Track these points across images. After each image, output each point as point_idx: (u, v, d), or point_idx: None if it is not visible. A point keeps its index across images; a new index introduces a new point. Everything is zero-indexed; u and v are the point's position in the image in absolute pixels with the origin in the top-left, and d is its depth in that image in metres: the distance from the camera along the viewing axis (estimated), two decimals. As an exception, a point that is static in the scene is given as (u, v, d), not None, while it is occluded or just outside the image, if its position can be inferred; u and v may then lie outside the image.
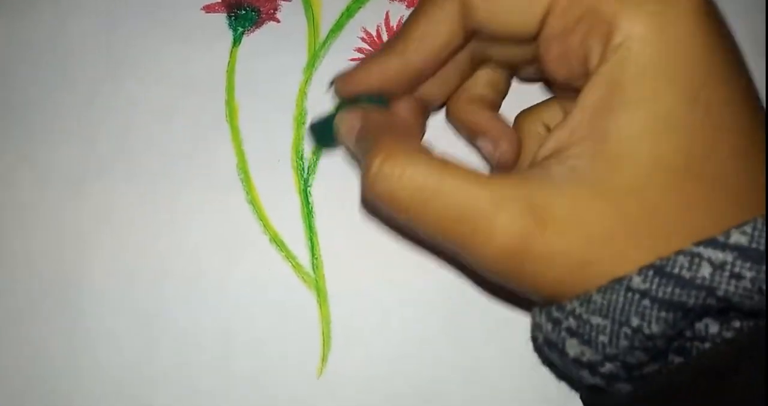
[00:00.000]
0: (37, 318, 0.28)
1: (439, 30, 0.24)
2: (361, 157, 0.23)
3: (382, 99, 0.25)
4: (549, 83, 0.27)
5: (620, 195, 0.20)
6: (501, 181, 0.21)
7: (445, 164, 0.21)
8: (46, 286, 0.28)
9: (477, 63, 0.26)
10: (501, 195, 0.20)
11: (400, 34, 0.24)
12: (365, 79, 0.25)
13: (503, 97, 0.28)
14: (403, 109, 0.26)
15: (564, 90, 0.24)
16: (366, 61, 0.25)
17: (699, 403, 0.20)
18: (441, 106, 0.28)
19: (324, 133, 0.27)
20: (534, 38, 0.23)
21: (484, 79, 0.27)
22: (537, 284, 0.21)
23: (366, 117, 0.24)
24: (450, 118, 0.28)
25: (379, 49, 0.25)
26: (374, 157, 0.22)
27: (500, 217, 0.20)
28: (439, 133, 0.29)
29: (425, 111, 0.27)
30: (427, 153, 0.22)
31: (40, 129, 0.30)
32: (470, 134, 0.27)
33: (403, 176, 0.21)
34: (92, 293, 0.28)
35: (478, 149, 0.27)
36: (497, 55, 0.25)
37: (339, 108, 0.26)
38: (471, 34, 0.24)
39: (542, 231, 0.20)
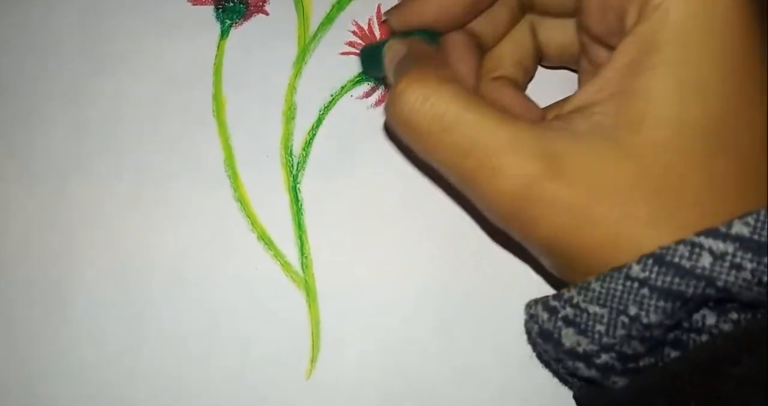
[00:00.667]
0: (22, 316, 0.28)
1: None
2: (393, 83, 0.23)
3: (433, 35, 0.25)
4: (582, 47, 0.27)
5: (640, 155, 0.20)
6: (521, 124, 0.21)
7: (471, 98, 0.21)
8: (31, 284, 0.28)
9: (525, 7, 0.26)
10: (518, 136, 0.20)
11: None
12: (420, 12, 0.25)
13: (529, 78, 0.28)
14: (456, 43, 0.26)
15: (594, 50, 0.24)
16: None
17: (696, 395, 0.19)
18: (492, 45, 0.28)
19: (371, 60, 0.27)
20: None
21: (510, 56, 0.27)
22: (535, 232, 0.21)
23: (411, 47, 0.24)
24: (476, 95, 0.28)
25: None
26: (402, 78, 0.22)
27: (512, 157, 0.20)
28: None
29: (476, 47, 0.27)
30: (457, 84, 0.22)
31: (25, 125, 0.29)
32: None
33: (426, 102, 0.21)
34: (77, 290, 0.28)
35: None
36: (543, 1, 0.26)
37: (390, 38, 0.26)
38: None
39: (552, 178, 0.20)
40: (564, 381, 0.26)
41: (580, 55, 0.26)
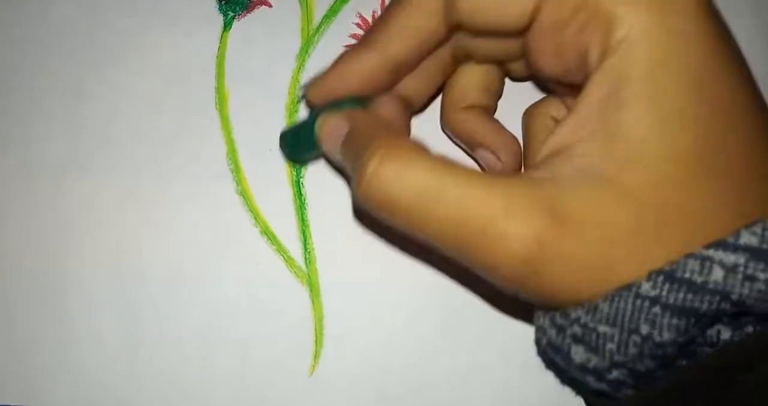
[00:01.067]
0: (17, 315, 0.27)
1: (419, 24, 0.23)
2: (352, 162, 0.21)
3: (361, 101, 0.24)
4: (542, 79, 0.26)
5: (638, 192, 0.19)
6: (509, 182, 0.20)
7: (448, 164, 0.20)
8: (26, 281, 0.28)
9: (460, 58, 0.25)
10: (511, 197, 0.19)
11: (378, 28, 0.23)
12: (343, 81, 0.24)
13: (498, 99, 0.28)
14: (385, 108, 0.25)
15: (556, 85, 0.24)
16: (340, 60, 0.24)
17: (707, 403, 0.19)
18: (424, 106, 0.28)
19: (300, 143, 0.26)
20: (522, 32, 0.22)
21: (476, 83, 0.26)
22: (555, 291, 0.20)
23: (353, 119, 0.23)
24: (446, 128, 0.27)
25: (354, 46, 0.24)
26: (371, 158, 0.20)
27: (513, 220, 0.19)
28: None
29: (407, 110, 0.26)
30: (427, 152, 0.21)
31: (22, 119, 0.29)
32: (468, 145, 0.27)
33: (404, 177, 0.20)
34: (74, 288, 0.27)
35: (479, 160, 0.27)
36: (482, 51, 0.25)
37: (315, 115, 0.24)
38: (454, 27, 0.23)
39: (560, 233, 0.19)
40: (574, 387, 0.26)
41: None
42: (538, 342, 0.22)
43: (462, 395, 0.27)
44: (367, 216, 0.28)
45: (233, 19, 0.30)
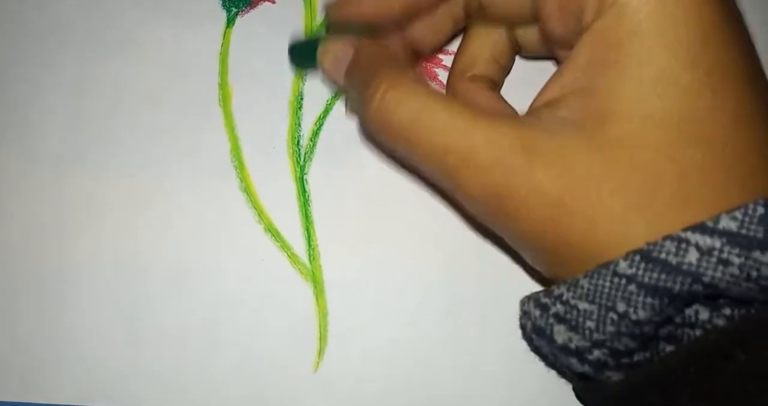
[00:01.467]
0: (16, 311, 0.27)
1: None
2: (359, 89, 0.23)
3: (370, 33, 0.25)
4: (552, 52, 0.26)
5: (608, 147, 0.20)
6: (495, 119, 0.21)
7: (445, 97, 0.22)
8: (26, 276, 0.28)
9: (472, 12, 0.26)
10: (493, 131, 0.21)
11: None
12: (360, 5, 0.25)
13: (506, 74, 0.28)
14: (392, 46, 0.26)
15: (563, 49, 0.24)
16: None
17: (691, 389, 0.19)
18: (430, 53, 0.28)
19: (305, 57, 0.27)
20: None
21: (485, 53, 0.27)
22: (517, 224, 0.21)
23: (360, 48, 0.24)
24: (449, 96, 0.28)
25: None
26: (378, 88, 0.22)
27: (489, 151, 0.21)
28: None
29: (413, 53, 0.27)
30: (426, 84, 0.22)
31: (21, 113, 0.29)
32: None
33: (405, 106, 0.22)
34: (75, 284, 0.27)
35: None
36: (493, 6, 0.25)
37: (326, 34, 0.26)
38: None
39: (528, 169, 0.20)
40: (562, 374, 0.26)
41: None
42: (523, 328, 0.23)
43: (466, 391, 0.27)
44: (372, 211, 0.28)
45: (236, 15, 0.30)
